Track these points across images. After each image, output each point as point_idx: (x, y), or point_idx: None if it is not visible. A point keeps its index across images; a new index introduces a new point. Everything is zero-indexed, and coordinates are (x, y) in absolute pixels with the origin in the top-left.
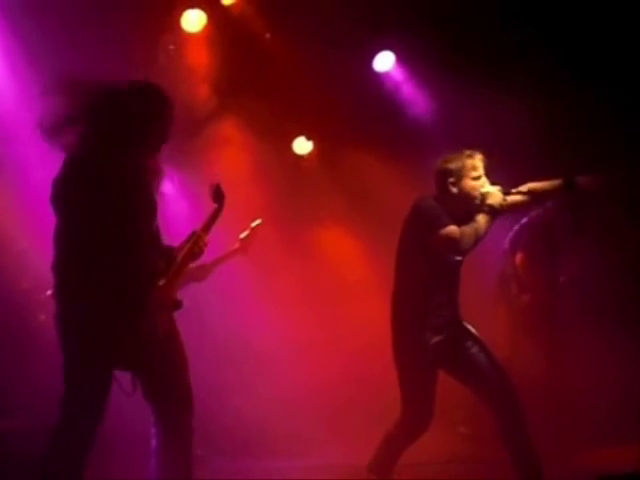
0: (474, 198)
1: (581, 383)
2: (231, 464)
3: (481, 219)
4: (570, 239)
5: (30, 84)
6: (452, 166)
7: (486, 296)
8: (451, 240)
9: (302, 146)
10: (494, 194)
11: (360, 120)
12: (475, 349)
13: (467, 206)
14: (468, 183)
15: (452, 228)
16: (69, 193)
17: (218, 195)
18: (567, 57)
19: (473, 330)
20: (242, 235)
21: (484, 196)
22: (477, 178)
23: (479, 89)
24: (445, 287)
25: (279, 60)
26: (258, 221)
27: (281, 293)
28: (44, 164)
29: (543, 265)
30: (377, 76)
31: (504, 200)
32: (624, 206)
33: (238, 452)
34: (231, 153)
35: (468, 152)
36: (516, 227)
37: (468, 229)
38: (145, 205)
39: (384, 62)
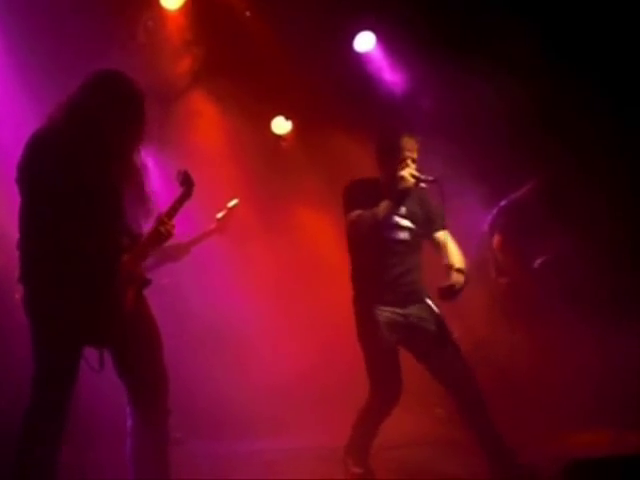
0: (392, 179)
1: (558, 366)
2: (209, 447)
3: (383, 204)
4: (547, 223)
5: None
6: (384, 145)
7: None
8: (351, 225)
9: (281, 126)
10: (405, 179)
11: (340, 100)
12: (433, 329)
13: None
14: (394, 165)
15: (353, 214)
16: (33, 173)
17: (186, 181)
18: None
19: (435, 309)
20: (219, 215)
21: (398, 179)
22: (402, 160)
23: (462, 71)
24: (392, 265)
25: (259, 38)
26: (235, 201)
27: (259, 275)
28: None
29: (520, 248)
30: (358, 56)
31: (411, 186)
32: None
33: (216, 435)
34: (209, 132)
35: (402, 133)
36: (494, 210)
37: (366, 214)
38: (108, 185)
39: (365, 42)
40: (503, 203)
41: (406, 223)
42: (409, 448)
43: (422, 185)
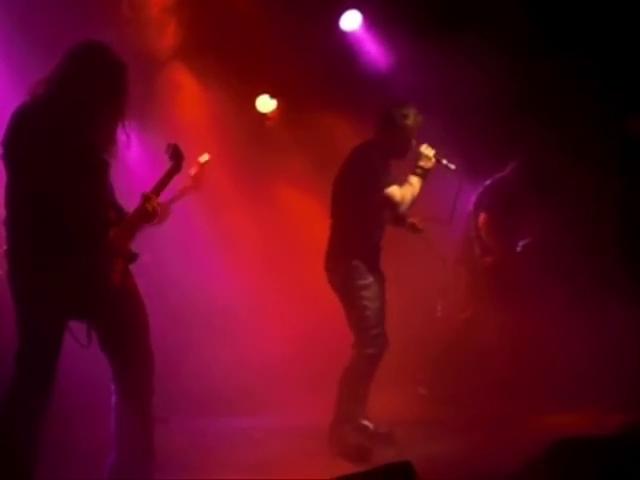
0: (415, 156)
1: (541, 347)
2: (193, 424)
3: (415, 182)
4: (531, 202)
5: None
6: (409, 122)
7: (449, 257)
8: (392, 202)
9: (266, 104)
10: (428, 157)
11: (326, 79)
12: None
13: (403, 158)
14: (414, 141)
15: (394, 190)
16: (17, 148)
17: (176, 154)
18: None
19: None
20: (192, 172)
21: (420, 157)
22: (414, 136)
23: (448, 51)
24: (378, 232)
25: (245, 16)
26: (205, 156)
27: (242, 252)
28: None
29: (505, 227)
30: (344, 35)
31: (435, 164)
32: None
33: (200, 412)
34: (193, 109)
35: (415, 110)
36: (480, 189)
37: (408, 194)
38: (94, 158)
39: (351, 21)
40: (488, 182)
41: None
42: (394, 428)
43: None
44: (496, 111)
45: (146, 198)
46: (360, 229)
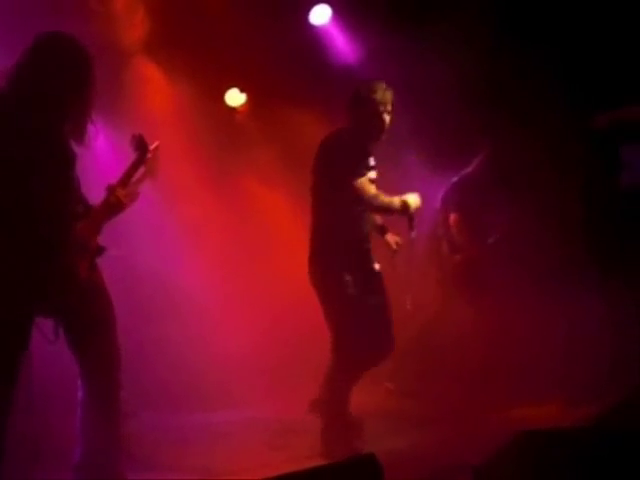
0: (370, 132)
1: (509, 342)
2: (162, 419)
3: (395, 203)
4: (498, 196)
5: None
6: (377, 96)
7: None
8: (357, 193)
9: (235, 98)
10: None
11: (295, 73)
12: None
13: (378, 139)
14: (385, 117)
15: (364, 184)
16: None
17: (140, 146)
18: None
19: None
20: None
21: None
22: (389, 113)
23: (417, 46)
24: (358, 225)
25: (214, 9)
26: (156, 143)
27: (212, 246)
28: None
29: (474, 224)
30: (313, 29)
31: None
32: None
33: (169, 407)
34: (161, 103)
35: (384, 85)
36: (447, 185)
37: (379, 199)
38: (59, 153)
39: (320, 15)
40: (455, 179)
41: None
42: (370, 421)
43: None
44: (463, 105)
45: (111, 190)
46: (333, 222)
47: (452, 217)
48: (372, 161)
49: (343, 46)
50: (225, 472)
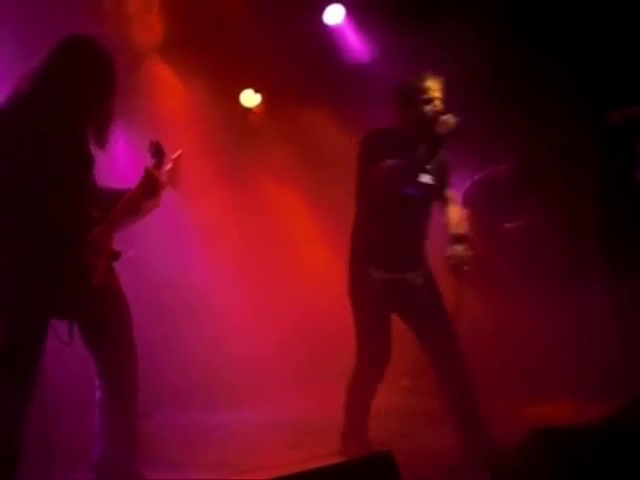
0: (421, 124)
1: (521, 339)
2: (176, 418)
3: (421, 150)
4: (515, 199)
5: None
6: (402, 90)
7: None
8: (386, 174)
9: (250, 98)
10: (444, 121)
11: (310, 74)
12: (427, 300)
13: (420, 133)
14: (418, 108)
15: (386, 162)
16: (2, 145)
17: (157, 152)
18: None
19: (433, 281)
20: (166, 169)
21: (432, 122)
22: (427, 101)
23: (430, 43)
24: (395, 225)
25: (228, 10)
26: (179, 152)
27: (225, 246)
28: None
29: (489, 222)
30: (327, 29)
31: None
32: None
33: (181, 407)
34: (176, 104)
35: (420, 74)
36: (468, 183)
37: (402, 163)
38: (78, 156)
39: (334, 15)
40: (477, 177)
41: (426, 179)
42: (377, 419)
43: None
44: (475, 103)
45: (148, 174)
46: (364, 221)
47: (466, 212)
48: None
49: (357, 46)
50: (241, 470)
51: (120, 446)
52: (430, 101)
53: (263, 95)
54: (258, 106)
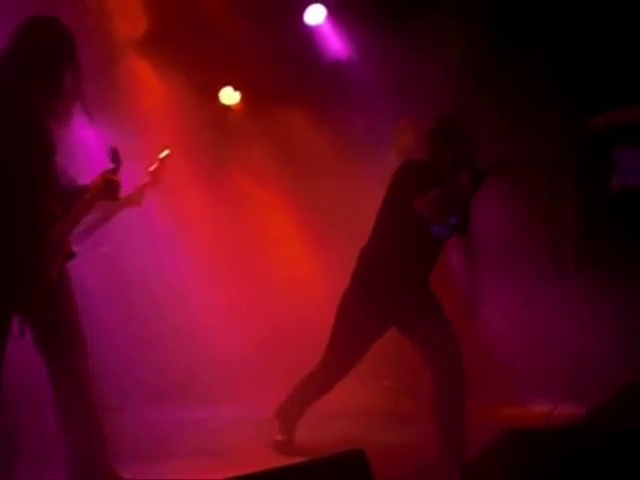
0: (465, 162)
1: (498, 338)
2: (149, 414)
3: (463, 182)
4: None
5: None
6: (447, 127)
7: None
8: (432, 205)
9: (229, 96)
10: (488, 159)
11: (290, 73)
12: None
13: (459, 169)
14: (462, 146)
15: (434, 192)
16: None
17: (115, 159)
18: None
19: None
20: (151, 168)
21: (475, 160)
22: (470, 141)
23: (412, 45)
24: (412, 256)
25: (208, 8)
26: (166, 152)
27: (203, 244)
28: None
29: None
30: (308, 29)
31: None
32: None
33: (156, 402)
34: (155, 100)
35: (459, 115)
36: None
37: (449, 196)
38: (41, 149)
39: (315, 15)
40: None
41: (453, 220)
42: (355, 418)
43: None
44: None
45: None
46: (380, 246)
47: None
48: None
49: (337, 46)
50: (215, 467)
51: (83, 444)
52: (471, 142)
53: (242, 93)
54: (237, 104)
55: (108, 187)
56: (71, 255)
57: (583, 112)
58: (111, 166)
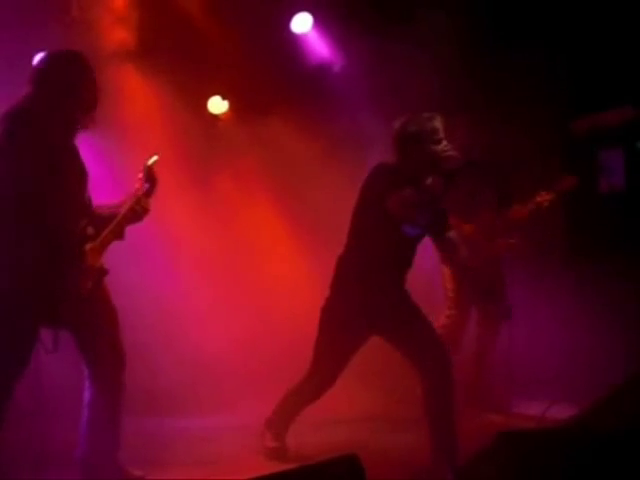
0: (434, 162)
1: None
2: (144, 423)
3: (433, 183)
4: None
5: None
6: (412, 129)
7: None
8: (403, 204)
9: (217, 105)
10: (454, 157)
11: (277, 81)
12: (408, 317)
13: (428, 171)
14: (429, 147)
15: (405, 192)
16: (5, 154)
17: (150, 178)
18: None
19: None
20: (140, 175)
21: (443, 160)
22: (438, 141)
23: (398, 51)
24: (388, 256)
25: (195, 18)
26: (154, 158)
27: (193, 253)
28: None
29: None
30: (295, 37)
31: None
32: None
33: (151, 411)
34: (143, 110)
35: (427, 115)
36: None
37: (420, 195)
38: (77, 172)
39: (302, 23)
40: None
41: (424, 220)
42: (358, 423)
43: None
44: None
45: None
46: (358, 249)
47: None
48: None
49: (324, 54)
50: (208, 476)
51: (106, 445)
52: (440, 141)
53: (230, 102)
54: (225, 113)
55: (141, 209)
56: (103, 272)
57: (569, 115)
58: (145, 186)
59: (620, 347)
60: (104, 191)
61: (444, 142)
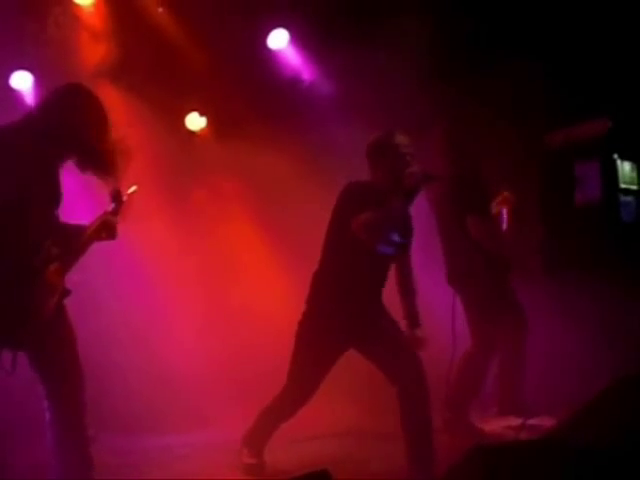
0: (397, 179)
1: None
2: (122, 442)
3: (395, 204)
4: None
5: None
6: (378, 144)
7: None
8: (364, 226)
9: (195, 122)
10: (413, 174)
11: (254, 98)
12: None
13: (393, 187)
14: (392, 162)
15: (366, 214)
16: None
17: (117, 199)
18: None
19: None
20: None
21: (405, 177)
22: (399, 156)
23: (375, 65)
24: (361, 274)
25: (172, 35)
26: (134, 188)
27: (172, 271)
28: None
29: None
30: (271, 53)
31: (423, 182)
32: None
33: (127, 429)
34: (121, 126)
35: (395, 130)
36: None
37: (381, 215)
38: (48, 194)
39: (278, 40)
40: None
41: (396, 237)
42: (329, 439)
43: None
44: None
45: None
46: (337, 268)
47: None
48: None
49: (301, 69)
50: None
51: (75, 464)
52: (402, 156)
53: (208, 118)
54: (203, 129)
55: (106, 228)
56: (66, 293)
57: (545, 127)
58: (112, 206)
59: (598, 358)
60: (80, 209)
61: (407, 157)
